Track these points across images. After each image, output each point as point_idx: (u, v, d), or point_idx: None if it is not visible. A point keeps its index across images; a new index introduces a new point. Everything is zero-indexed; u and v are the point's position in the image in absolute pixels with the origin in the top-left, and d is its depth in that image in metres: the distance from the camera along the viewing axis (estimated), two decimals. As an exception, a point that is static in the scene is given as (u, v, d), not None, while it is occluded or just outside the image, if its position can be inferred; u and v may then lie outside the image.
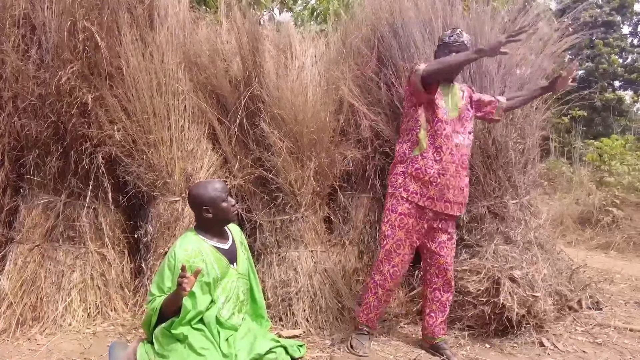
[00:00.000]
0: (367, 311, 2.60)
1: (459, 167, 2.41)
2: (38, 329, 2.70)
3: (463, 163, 2.44)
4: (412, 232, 2.45)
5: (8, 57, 2.82)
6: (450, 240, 2.52)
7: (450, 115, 2.41)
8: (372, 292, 2.57)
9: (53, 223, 2.96)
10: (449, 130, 2.38)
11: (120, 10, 2.95)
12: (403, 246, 2.47)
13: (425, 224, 2.45)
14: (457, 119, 2.43)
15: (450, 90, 2.46)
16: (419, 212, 2.43)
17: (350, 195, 3.41)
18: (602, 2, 15.78)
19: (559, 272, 3.01)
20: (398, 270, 2.51)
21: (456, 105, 2.44)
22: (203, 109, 3.20)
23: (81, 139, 2.96)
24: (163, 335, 1.99)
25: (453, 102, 2.44)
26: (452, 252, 2.56)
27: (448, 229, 2.50)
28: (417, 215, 2.43)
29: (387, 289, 2.55)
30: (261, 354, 2.00)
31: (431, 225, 2.47)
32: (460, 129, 2.43)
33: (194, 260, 2.03)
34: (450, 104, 2.43)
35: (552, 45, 3.28)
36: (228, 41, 3.39)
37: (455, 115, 2.42)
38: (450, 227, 2.51)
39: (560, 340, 2.65)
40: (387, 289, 2.55)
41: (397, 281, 2.57)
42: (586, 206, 6.13)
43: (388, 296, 2.60)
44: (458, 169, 2.40)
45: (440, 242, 2.50)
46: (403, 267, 2.53)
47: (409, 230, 2.45)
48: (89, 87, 2.92)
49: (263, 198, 3.14)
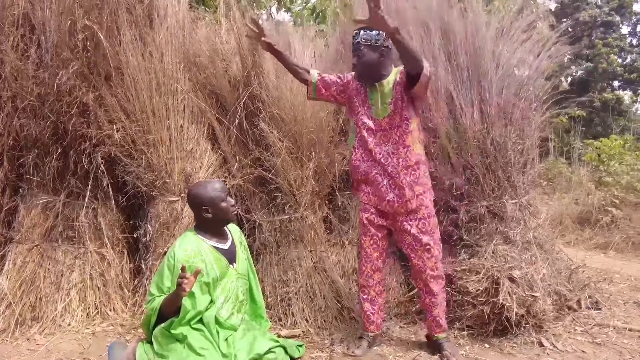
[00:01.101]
0: (365, 317, 2.58)
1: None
2: (37, 329, 2.70)
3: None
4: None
5: (7, 57, 2.82)
6: (417, 242, 2.41)
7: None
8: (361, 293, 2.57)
9: (52, 223, 2.96)
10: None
11: (119, 10, 2.95)
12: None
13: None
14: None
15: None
16: None
17: (350, 195, 3.41)
18: (602, 2, 15.80)
19: (558, 272, 3.01)
20: (370, 253, 2.49)
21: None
22: (202, 109, 3.20)
23: (80, 139, 2.96)
24: (162, 335, 1.99)
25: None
26: (426, 254, 2.41)
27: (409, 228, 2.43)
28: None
29: (365, 275, 2.52)
30: (260, 353, 2.00)
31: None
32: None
33: (194, 260, 2.03)
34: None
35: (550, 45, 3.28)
36: (227, 41, 3.39)
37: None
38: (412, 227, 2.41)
39: (559, 340, 2.65)
40: (365, 274, 2.52)
41: (373, 265, 2.51)
42: (585, 206, 6.13)
43: (371, 288, 2.54)
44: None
45: (406, 243, 2.47)
46: (375, 250, 2.49)
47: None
48: (89, 86, 2.92)
49: (262, 198, 3.14)
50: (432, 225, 2.43)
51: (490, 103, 3.05)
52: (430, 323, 2.51)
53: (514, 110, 3.11)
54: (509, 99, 3.10)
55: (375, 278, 2.53)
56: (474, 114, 3.00)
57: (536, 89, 3.25)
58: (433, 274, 2.44)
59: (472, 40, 3.08)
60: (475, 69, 3.05)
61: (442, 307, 2.50)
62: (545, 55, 3.22)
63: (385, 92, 2.40)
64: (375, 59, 2.37)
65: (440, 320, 2.48)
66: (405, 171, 2.38)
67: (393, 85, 2.39)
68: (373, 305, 2.55)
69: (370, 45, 2.34)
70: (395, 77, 2.40)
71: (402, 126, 2.38)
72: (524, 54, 3.21)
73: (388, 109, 2.39)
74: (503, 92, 3.07)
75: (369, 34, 2.34)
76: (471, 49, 3.08)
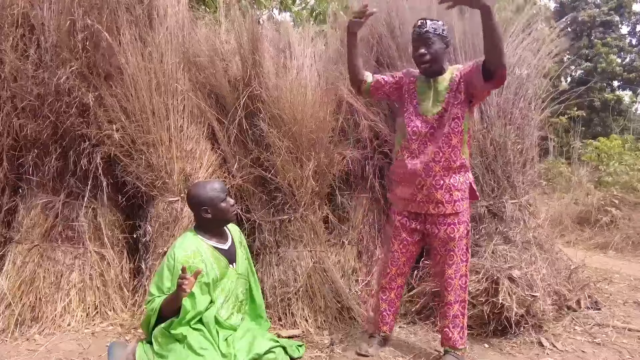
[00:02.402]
0: (380, 317, 2.57)
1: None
2: (37, 329, 2.70)
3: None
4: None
5: (7, 57, 2.82)
6: (442, 246, 2.37)
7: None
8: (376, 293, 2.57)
9: (52, 223, 2.95)
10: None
11: (119, 10, 2.95)
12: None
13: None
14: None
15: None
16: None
17: (349, 195, 3.41)
18: (601, 2, 15.81)
19: (557, 272, 3.01)
20: (398, 257, 2.47)
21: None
22: (202, 109, 3.20)
23: (80, 139, 2.95)
24: (162, 335, 1.99)
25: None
26: (448, 260, 2.35)
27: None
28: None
29: (389, 277, 2.50)
30: (260, 353, 2.00)
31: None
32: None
33: (194, 260, 2.03)
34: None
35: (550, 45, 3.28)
36: (227, 41, 3.39)
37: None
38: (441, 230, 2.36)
39: (559, 340, 2.65)
40: (389, 276, 2.50)
41: (399, 269, 2.48)
42: (585, 206, 6.14)
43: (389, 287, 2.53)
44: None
45: (433, 246, 2.43)
46: (403, 254, 2.46)
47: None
48: (88, 86, 2.91)
49: (262, 198, 3.14)
50: (461, 233, 2.34)
51: (490, 103, 3.06)
52: (440, 332, 2.46)
53: (514, 109, 3.11)
54: (509, 98, 3.10)
55: (398, 282, 2.51)
56: (474, 114, 3.01)
57: (535, 88, 3.25)
58: (451, 282, 2.35)
59: (472, 40, 3.08)
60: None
61: (455, 321, 2.38)
62: (544, 55, 3.23)
63: (440, 89, 2.30)
64: (442, 49, 2.29)
65: (449, 333, 2.38)
66: (446, 173, 2.28)
67: (449, 83, 2.29)
68: (390, 307, 2.54)
69: (438, 35, 2.27)
70: (452, 75, 2.31)
71: (452, 125, 2.26)
72: (523, 53, 3.22)
73: (440, 107, 2.28)
74: (503, 91, 3.08)
75: (436, 24, 2.27)
76: (470, 49, 3.08)
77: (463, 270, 2.37)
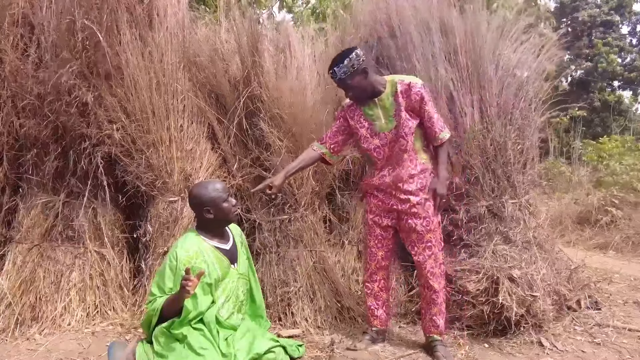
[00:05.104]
0: (369, 312, 2.64)
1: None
2: (37, 329, 2.70)
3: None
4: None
5: (7, 56, 2.82)
6: (419, 239, 2.46)
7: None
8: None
9: (52, 223, 2.95)
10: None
11: (119, 9, 2.95)
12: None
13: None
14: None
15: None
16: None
17: (349, 195, 3.41)
18: (601, 2, 15.81)
19: (557, 272, 3.01)
20: (375, 252, 2.58)
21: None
22: (202, 109, 3.20)
23: (80, 139, 2.95)
24: (162, 335, 1.99)
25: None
26: (427, 251, 2.45)
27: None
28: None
29: (370, 272, 2.61)
30: (260, 353, 2.00)
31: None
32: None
33: (196, 261, 2.03)
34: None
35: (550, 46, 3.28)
36: (227, 41, 3.39)
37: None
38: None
39: (559, 339, 2.65)
40: (369, 271, 2.61)
41: (377, 263, 2.58)
42: (585, 206, 6.14)
43: (376, 285, 2.62)
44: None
45: (409, 240, 2.51)
46: (380, 249, 2.57)
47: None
48: (88, 86, 2.91)
49: (262, 198, 3.14)
50: (435, 225, 2.47)
51: (490, 103, 3.05)
52: (427, 322, 2.51)
53: (514, 110, 3.11)
54: (509, 98, 3.10)
55: (379, 275, 2.62)
56: (474, 114, 3.01)
57: (536, 89, 3.25)
58: (433, 271, 2.46)
59: (472, 40, 3.08)
60: (475, 69, 3.05)
61: (441, 308, 2.50)
62: (544, 57, 3.23)
63: (386, 106, 2.43)
64: (363, 81, 2.38)
65: (437, 321, 2.48)
66: (411, 180, 2.43)
67: (394, 98, 2.42)
68: (377, 300, 2.63)
69: (351, 74, 2.35)
70: (394, 89, 2.42)
71: (407, 136, 2.40)
72: (524, 54, 3.22)
73: (393, 121, 2.42)
74: (503, 92, 3.08)
75: (343, 66, 2.33)
76: (471, 49, 3.08)
77: (440, 257, 2.50)
